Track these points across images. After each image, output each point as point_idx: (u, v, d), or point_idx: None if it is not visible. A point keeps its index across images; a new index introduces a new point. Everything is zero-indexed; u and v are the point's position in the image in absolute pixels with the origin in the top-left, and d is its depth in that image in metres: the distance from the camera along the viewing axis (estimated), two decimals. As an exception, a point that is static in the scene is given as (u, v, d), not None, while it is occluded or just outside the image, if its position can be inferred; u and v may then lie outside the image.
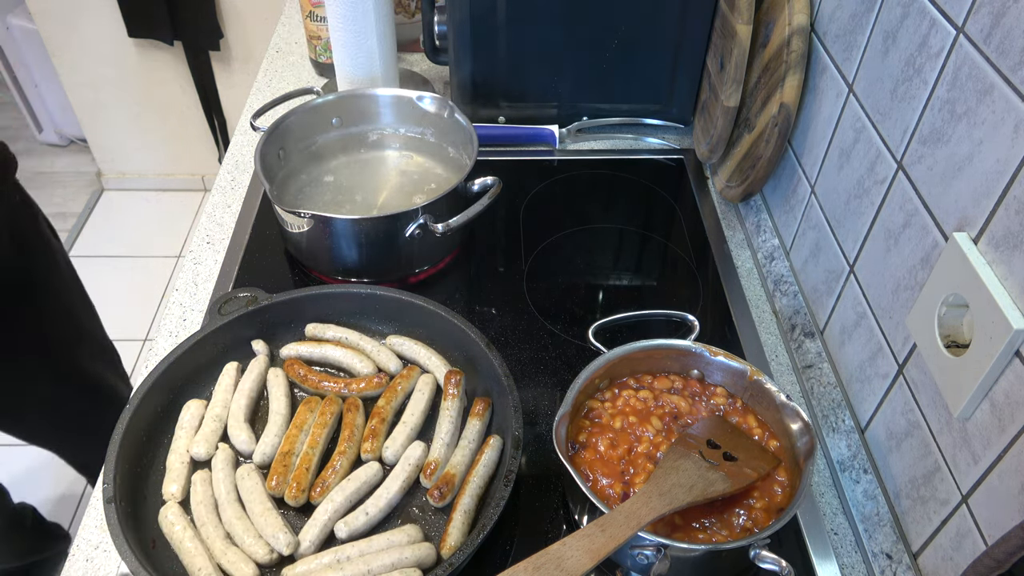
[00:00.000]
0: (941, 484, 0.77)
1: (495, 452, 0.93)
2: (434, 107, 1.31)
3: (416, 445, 0.94)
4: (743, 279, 1.24)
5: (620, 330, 1.04)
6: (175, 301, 1.18)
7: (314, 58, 1.64)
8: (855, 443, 0.95)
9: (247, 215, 1.31)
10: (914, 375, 0.82)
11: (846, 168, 0.99)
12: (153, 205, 3.24)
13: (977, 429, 0.71)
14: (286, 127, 1.26)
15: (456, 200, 1.17)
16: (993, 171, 0.69)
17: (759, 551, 0.77)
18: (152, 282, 2.95)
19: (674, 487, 0.80)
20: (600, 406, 0.94)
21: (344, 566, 0.82)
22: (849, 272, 0.98)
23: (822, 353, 1.05)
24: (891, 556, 0.85)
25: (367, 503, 0.89)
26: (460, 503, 0.87)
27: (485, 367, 0.99)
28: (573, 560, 0.69)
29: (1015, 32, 0.66)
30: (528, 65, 1.40)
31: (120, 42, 2.79)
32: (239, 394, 0.98)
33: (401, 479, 0.91)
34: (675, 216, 1.36)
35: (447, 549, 0.84)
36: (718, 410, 0.94)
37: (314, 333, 1.07)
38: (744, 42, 1.16)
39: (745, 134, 1.23)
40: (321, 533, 0.86)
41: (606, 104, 1.48)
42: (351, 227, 1.12)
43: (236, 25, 2.78)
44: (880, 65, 0.90)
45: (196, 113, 3.00)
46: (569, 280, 1.24)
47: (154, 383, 0.94)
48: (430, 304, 1.04)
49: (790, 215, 1.17)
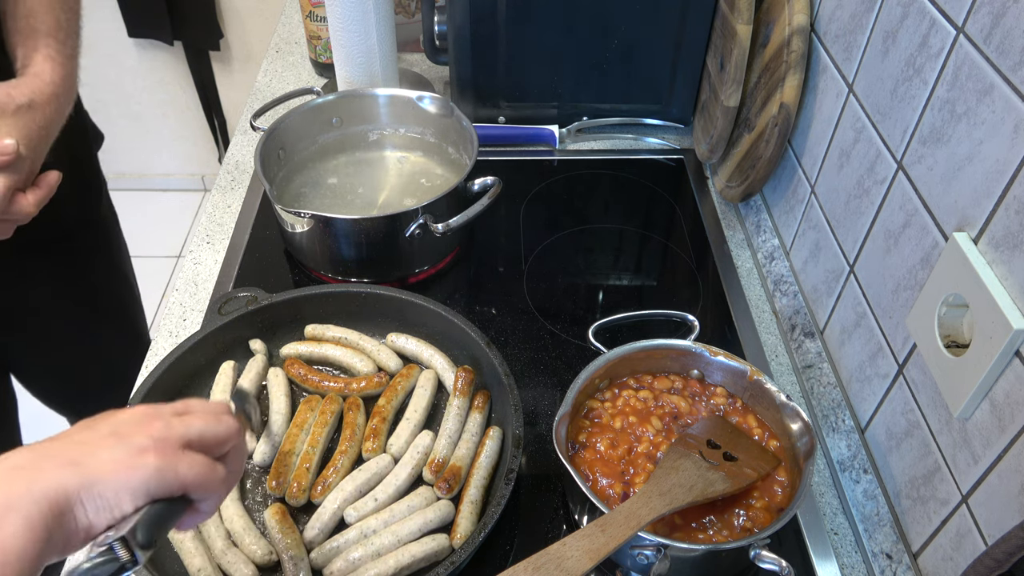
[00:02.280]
0: (941, 484, 0.77)
1: (496, 443, 0.94)
2: (434, 107, 1.31)
3: (425, 434, 0.95)
4: (743, 279, 1.24)
5: (620, 330, 1.04)
6: (175, 301, 1.18)
7: (314, 58, 1.64)
8: (855, 443, 0.95)
9: (247, 215, 1.31)
10: (914, 375, 0.82)
11: (846, 168, 0.99)
12: (153, 205, 3.24)
13: (977, 429, 0.71)
14: (286, 127, 1.26)
15: (456, 200, 1.17)
16: (993, 171, 0.69)
17: (759, 551, 0.77)
18: (152, 282, 2.95)
19: (674, 487, 0.80)
20: (600, 406, 0.94)
21: (372, 539, 0.83)
22: (849, 272, 0.98)
23: (822, 353, 1.05)
24: (891, 556, 0.85)
25: (376, 490, 0.90)
26: (467, 495, 0.88)
27: (485, 366, 0.99)
28: (573, 560, 0.69)
29: (1015, 32, 0.66)
30: (528, 65, 1.40)
31: (120, 42, 2.79)
32: None
33: (410, 466, 0.92)
34: (675, 216, 1.36)
35: (458, 538, 0.85)
36: (718, 410, 0.94)
37: (314, 333, 1.07)
38: (744, 42, 1.16)
39: (745, 134, 1.23)
40: (331, 520, 0.87)
41: (606, 104, 1.48)
42: (351, 227, 1.12)
43: (236, 25, 2.78)
44: (880, 65, 0.90)
45: (196, 113, 3.00)
46: (569, 280, 1.24)
47: (154, 383, 0.94)
48: (430, 304, 1.04)
49: (790, 215, 1.17)
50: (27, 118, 0.92)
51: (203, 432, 0.61)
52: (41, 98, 0.95)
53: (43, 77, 0.96)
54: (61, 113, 0.99)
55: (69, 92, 1.01)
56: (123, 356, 1.43)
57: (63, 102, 0.99)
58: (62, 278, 1.29)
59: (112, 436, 0.57)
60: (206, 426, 0.62)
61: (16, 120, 0.91)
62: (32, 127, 0.93)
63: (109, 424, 0.59)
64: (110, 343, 1.47)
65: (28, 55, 0.98)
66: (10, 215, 0.92)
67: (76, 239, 1.28)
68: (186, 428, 0.60)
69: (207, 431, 0.62)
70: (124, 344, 1.49)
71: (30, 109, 0.93)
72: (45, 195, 0.97)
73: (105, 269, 1.40)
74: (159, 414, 0.61)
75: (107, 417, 0.60)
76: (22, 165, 0.91)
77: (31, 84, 0.95)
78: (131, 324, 1.52)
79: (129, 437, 0.57)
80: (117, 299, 1.47)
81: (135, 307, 1.54)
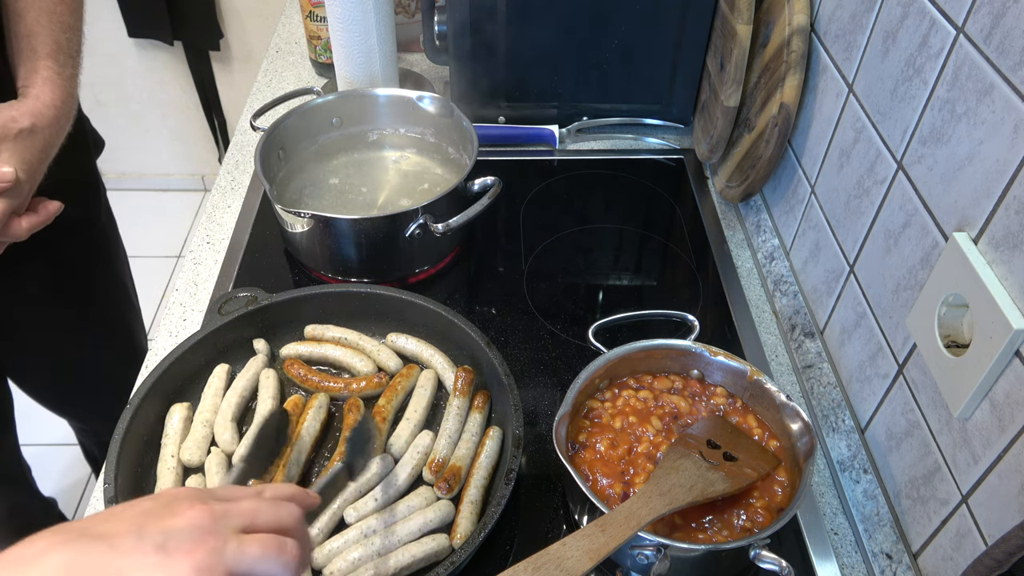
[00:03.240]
0: (941, 484, 0.77)
1: (496, 443, 0.94)
2: (434, 107, 1.31)
3: (424, 434, 0.95)
4: (743, 279, 1.24)
5: (620, 330, 1.04)
6: (175, 301, 1.18)
7: (314, 58, 1.64)
8: (855, 443, 0.95)
9: (247, 215, 1.31)
10: (914, 375, 0.82)
11: (846, 168, 0.99)
12: (153, 205, 3.24)
13: (977, 429, 0.71)
14: (286, 127, 1.26)
15: (456, 200, 1.17)
16: (993, 171, 0.69)
17: (759, 551, 0.77)
18: (152, 282, 2.95)
19: (674, 487, 0.80)
20: (600, 406, 0.94)
21: (373, 540, 0.83)
22: (849, 272, 0.98)
23: (822, 353, 1.05)
24: (891, 556, 0.85)
25: (375, 490, 0.90)
26: (467, 495, 0.88)
27: (486, 366, 0.99)
28: (573, 560, 0.69)
29: (1015, 32, 0.66)
30: (528, 65, 1.40)
31: (120, 42, 2.79)
32: (232, 392, 0.98)
33: (410, 466, 0.92)
34: (675, 216, 1.36)
35: (459, 538, 0.85)
36: (718, 410, 0.94)
37: (313, 333, 1.07)
38: (744, 42, 1.16)
39: (745, 134, 1.23)
40: (331, 520, 0.87)
41: (606, 104, 1.48)
42: (351, 227, 1.12)
43: (236, 25, 2.78)
44: (880, 65, 0.90)
45: (196, 113, 3.00)
46: (569, 280, 1.24)
47: (155, 383, 0.94)
48: (430, 304, 1.04)
49: (790, 215, 1.17)
50: (28, 142, 0.93)
51: (256, 566, 0.55)
52: (42, 121, 0.96)
53: (43, 99, 0.97)
54: (60, 134, 1.00)
55: (69, 113, 1.02)
56: (119, 363, 1.43)
57: (63, 123, 1.00)
58: (59, 284, 1.29)
59: (159, 552, 0.51)
60: (262, 558, 0.55)
61: (17, 145, 0.92)
62: (33, 151, 0.94)
63: (163, 531, 0.53)
64: (106, 351, 1.47)
65: (28, 76, 0.98)
66: (3, 237, 0.94)
67: (74, 246, 1.28)
68: (239, 558, 0.54)
69: (261, 565, 0.55)
70: (120, 352, 1.49)
71: (31, 133, 0.94)
72: (41, 223, 0.98)
73: (102, 276, 1.40)
74: (217, 530, 0.54)
75: (169, 514, 0.54)
76: (20, 190, 0.92)
77: (32, 107, 0.95)
78: (128, 332, 1.51)
79: (175, 560, 0.51)
80: (115, 306, 1.47)
81: (132, 314, 1.53)
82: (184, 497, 0.56)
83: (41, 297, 1.27)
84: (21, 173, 0.91)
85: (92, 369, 1.47)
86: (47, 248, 1.11)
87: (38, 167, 0.95)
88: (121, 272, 1.46)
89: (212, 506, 0.56)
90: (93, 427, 1.73)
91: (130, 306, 1.52)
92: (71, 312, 1.35)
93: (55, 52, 1.00)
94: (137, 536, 0.52)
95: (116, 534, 0.52)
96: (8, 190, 0.90)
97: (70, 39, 1.03)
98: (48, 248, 1.12)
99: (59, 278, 1.29)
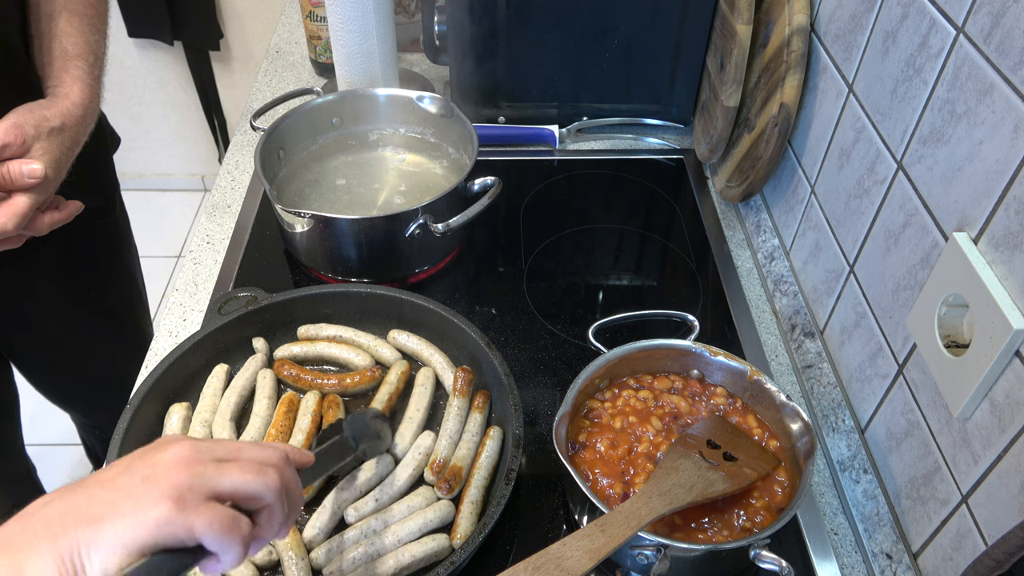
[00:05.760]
0: (941, 484, 0.77)
1: (496, 443, 0.94)
2: (434, 107, 1.31)
3: (426, 435, 0.95)
4: (743, 279, 1.24)
5: (620, 330, 1.04)
6: (175, 301, 1.18)
7: (314, 58, 1.64)
8: (855, 443, 0.95)
9: (247, 215, 1.31)
10: (914, 375, 0.82)
11: (846, 168, 0.99)
12: (153, 205, 3.24)
13: (977, 429, 0.71)
14: (286, 127, 1.26)
15: (456, 200, 1.17)
16: (993, 171, 0.69)
17: (759, 551, 0.77)
18: (152, 282, 2.94)
19: (674, 487, 0.80)
20: (600, 406, 0.94)
21: (373, 540, 0.83)
22: (849, 272, 0.98)
23: (822, 353, 1.05)
24: (891, 556, 0.85)
25: (376, 490, 0.90)
26: (467, 495, 0.88)
27: (485, 366, 0.99)
28: (573, 560, 0.69)
29: (1015, 32, 0.66)
30: (528, 65, 1.40)
31: (120, 42, 2.78)
32: (230, 392, 0.99)
33: (412, 467, 0.92)
34: (675, 216, 1.36)
35: (459, 538, 0.85)
36: (718, 410, 0.94)
37: (307, 333, 1.07)
38: (744, 42, 1.16)
39: (745, 134, 1.23)
40: (331, 520, 0.87)
41: (606, 104, 1.48)
42: (351, 227, 1.12)
43: (236, 25, 2.78)
44: (880, 65, 0.90)
45: (196, 113, 3.00)
46: (569, 280, 1.24)
47: (155, 384, 0.94)
48: (430, 304, 1.04)
49: (790, 215, 1.17)
50: (58, 140, 0.95)
51: (236, 487, 0.59)
52: (71, 120, 0.98)
53: (72, 98, 0.99)
54: (86, 133, 1.02)
55: (94, 112, 1.04)
56: (127, 355, 1.44)
57: (89, 122, 1.03)
58: (70, 276, 1.31)
59: (144, 481, 0.56)
60: (241, 480, 0.59)
61: (48, 143, 0.94)
62: (62, 149, 0.96)
63: (150, 464, 0.58)
64: (114, 343, 1.48)
65: (58, 75, 1.00)
66: (26, 231, 0.96)
67: (88, 238, 1.29)
68: (218, 479, 0.58)
69: (241, 486, 0.59)
70: (128, 344, 1.50)
71: (61, 132, 0.96)
72: (62, 220, 1.00)
73: (114, 269, 1.41)
74: (199, 458, 0.59)
75: (156, 451, 0.59)
76: (48, 187, 0.95)
77: (62, 106, 0.98)
78: (136, 324, 1.53)
79: (157, 483, 0.56)
80: (124, 299, 1.48)
81: (141, 308, 1.55)
82: (172, 440, 0.61)
83: (52, 289, 1.29)
84: (50, 170, 0.93)
85: (100, 362, 1.48)
86: (62, 240, 1.13)
87: (65, 164, 0.97)
88: (132, 266, 1.48)
89: (197, 442, 0.61)
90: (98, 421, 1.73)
91: (139, 300, 1.54)
92: (82, 304, 1.36)
93: (86, 53, 1.02)
94: (126, 472, 0.57)
95: (107, 476, 0.58)
96: (37, 186, 0.92)
97: (99, 41, 1.06)
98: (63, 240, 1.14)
99: (73, 270, 1.30)
